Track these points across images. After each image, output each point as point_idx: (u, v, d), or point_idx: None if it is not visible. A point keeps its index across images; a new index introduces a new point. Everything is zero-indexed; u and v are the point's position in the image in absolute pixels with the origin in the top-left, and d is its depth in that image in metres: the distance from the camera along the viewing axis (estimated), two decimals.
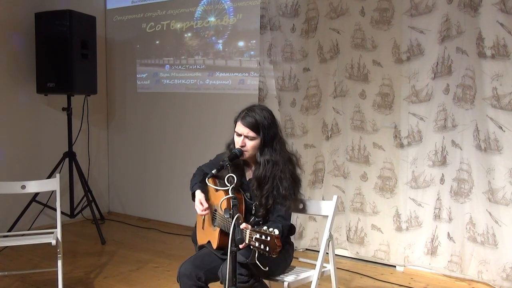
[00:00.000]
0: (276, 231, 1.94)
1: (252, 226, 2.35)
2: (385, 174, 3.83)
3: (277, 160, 2.38)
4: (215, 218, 2.47)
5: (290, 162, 2.44)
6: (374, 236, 3.93)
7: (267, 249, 1.95)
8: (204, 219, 2.60)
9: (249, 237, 2.04)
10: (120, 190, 5.66)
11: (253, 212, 2.41)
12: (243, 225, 2.10)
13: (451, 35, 3.49)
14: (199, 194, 2.49)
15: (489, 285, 3.45)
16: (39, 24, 4.65)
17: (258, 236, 1.99)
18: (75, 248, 4.42)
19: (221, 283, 2.26)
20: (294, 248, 2.70)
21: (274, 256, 1.95)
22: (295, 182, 2.44)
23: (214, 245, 2.42)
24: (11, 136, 4.73)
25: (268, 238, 1.95)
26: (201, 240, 2.60)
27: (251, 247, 2.03)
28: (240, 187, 2.44)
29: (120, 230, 5.05)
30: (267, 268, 2.10)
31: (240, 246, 2.05)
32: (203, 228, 2.61)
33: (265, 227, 1.99)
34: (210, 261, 2.39)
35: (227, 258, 2.16)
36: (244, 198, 2.42)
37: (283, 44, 4.09)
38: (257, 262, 2.08)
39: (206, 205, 2.44)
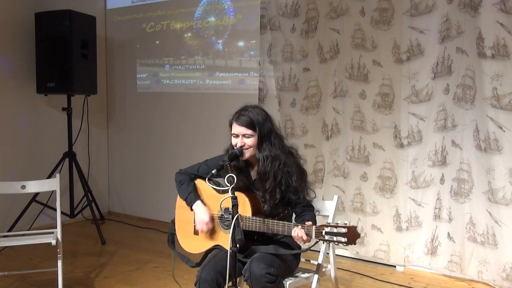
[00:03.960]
0: (347, 222, 2.09)
1: None
2: (385, 174, 3.83)
3: (276, 154, 2.39)
4: (224, 221, 2.46)
5: (292, 155, 2.47)
6: (374, 236, 3.93)
7: (344, 240, 2.06)
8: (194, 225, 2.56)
9: (316, 232, 2.15)
10: (120, 190, 5.66)
11: (264, 209, 2.41)
12: (308, 223, 2.23)
13: (451, 35, 3.49)
14: (203, 212, 2.47)
15: (489, 285, 3.45)
16: (39, 24, 4.65)
17: (328, 229, 2.10)
18: (75, 248, 4.42)
19: (246, 281, 2.27)
20: None
21: (353, 245, 2.07)
22: (302, 173, 2.47)
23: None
24: (11, 136, 4.73)
25: (345, 230, 2.07)
26: (200, 246, 2.53)
27: (320, 241, 2.16)
28: (251, 187, 2.45)
29: (120, 230, 5.05)
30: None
31: (304, 239, 2.19)
32: (196, 233, 2.56)
33: (330, 221, 2.15)
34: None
35: (249, 258, 2.24)
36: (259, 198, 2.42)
37: (283, 44, 4.09)
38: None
39: (211, 226, 2.47)
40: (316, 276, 2.50)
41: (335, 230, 2.07)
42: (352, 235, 2.05)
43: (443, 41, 3.52)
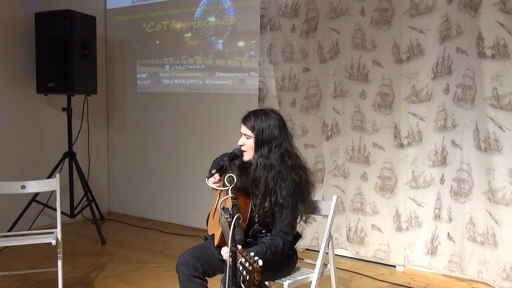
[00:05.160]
0: (260, 263, 1.87)
1: (255, 235, 2.35)
2: (385, 174, 3.83)
3: (272, 163, 2.32)
4: (221, 217, 2.47)
5: (294, 171, 2.34)
6: (374, 236, 3.93)
7: (247, 278, 1.90)
8: (216, 208, 2.59)
9: (238, 254, 1.98)
10: (120, 190, 5.66)
11: (256, 220, 2.38)
12: (239, 248, 2.03)
13: (451, 35, 3.49)
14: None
15: (489, 285, 3.45)
16: (39, 24, 4.65)
17: (243, 260, 1.93)
18: (75, 248, 4.42)
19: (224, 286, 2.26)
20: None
21: (252, 287, 1.90)
22: (300, 194, 2.35)
23: (216, 242, 2.43)
24: (11, 136, 4.73)
25: (250, 268, 1.88)
26: (210, 228, 2.60)
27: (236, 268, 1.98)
28: (249, 188, 2.42)
29: (120, 230, 5.05)
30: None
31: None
32: (213, 217, 2.61)
33: (252, 253, 1.92)
34: (208, 254, 2.41)
35: (224, 260, 2.18)
36: (251, 205, 2.39)
37: (283, 44, 4.09)
38: (242, 285, 2.02)
39: (218, 177, 2.38)
40: (316, 276, 2.49)
41: (246, 264, 1.91)
42: (251, 276, 1.88)
43: (443, 41, 3.52)
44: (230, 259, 2.02)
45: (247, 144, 2.39)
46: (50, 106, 5.05)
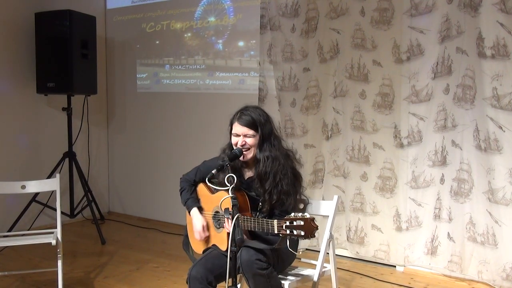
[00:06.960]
0: (307, 214, 2.00)
1: None
2: (385, 174, 3.83)
3: (276, 155, 2.40)
4: (219, 221, 2.46)
5: (289, 158, 2.47)
6: (374, 236, 3.93)
7: (303, 233, 1.99)
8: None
9: (278, 226, 2.07)
10: (120, 190, 5.66)
11: (259, 208, 2.41)
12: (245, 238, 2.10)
13: (451, 35, 3.49)
14: (197, 221, 2.53)
15: (489, 285, 3.45)
16: (39, 24, 4.65)
17: (288, 223, 2.03)
18: (75, 248, 4.42)
19: (239, 273, 2.27)
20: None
21: (312, 237, 2.01)
22: (296, 177, 2.46)
23: (223, 247, 2.40)
24: (11, 136, 4.73)
25: (302, 223, 1.99)
26: (201, 246, 2.58)
27: (281, 235, 2.07)
28: (240, 187, 2.44)
29: (120, 230, 5.05)
30: (300, 252, 2.13)
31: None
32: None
33: (292, 214, 2.04)
34: (220, 264, 2.34)
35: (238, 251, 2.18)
36: (248, 196, 2.41)
37: (283, 44, 4.09)
38: (290, 249, 2.14)
39: (207, 233, 2.51)
40: (316, 276, 2.50)
41: (294, 223, 2.02)
42: (309, 228, 1.99)
43: (443, 41, 3.52)
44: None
45: (249, 143, 2.40)
46: (50, 106, 5.05)
